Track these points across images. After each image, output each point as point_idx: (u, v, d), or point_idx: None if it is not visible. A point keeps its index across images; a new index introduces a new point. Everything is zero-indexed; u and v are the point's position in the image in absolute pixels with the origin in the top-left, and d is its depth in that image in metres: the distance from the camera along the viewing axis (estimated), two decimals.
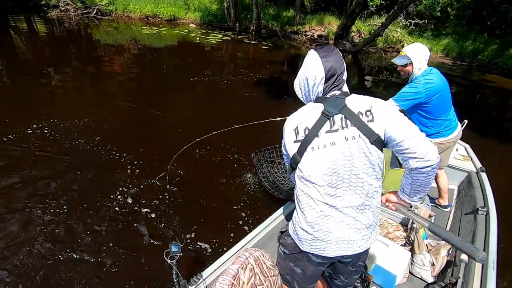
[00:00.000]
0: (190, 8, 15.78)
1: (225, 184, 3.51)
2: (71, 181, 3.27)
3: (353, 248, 1.23)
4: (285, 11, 16.52)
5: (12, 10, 12.86)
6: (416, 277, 2.09)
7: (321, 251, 1.24)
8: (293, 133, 1.19)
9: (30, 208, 2.85)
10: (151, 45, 10.43)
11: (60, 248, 2.47)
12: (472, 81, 11.42)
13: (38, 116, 4.56)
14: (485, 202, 2.46)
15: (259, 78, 7.86)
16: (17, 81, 6.07)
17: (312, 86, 1.20)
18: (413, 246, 2.12)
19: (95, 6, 13.83)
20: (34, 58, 8.16)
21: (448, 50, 14.10)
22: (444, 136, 2.47)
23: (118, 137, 4.26)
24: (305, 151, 1.16)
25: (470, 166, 3.10)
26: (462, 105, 8.10)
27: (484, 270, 1.73)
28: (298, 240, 1.28)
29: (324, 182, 1.16)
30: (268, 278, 1.42)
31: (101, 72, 7.26)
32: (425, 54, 2.24)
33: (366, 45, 13.19)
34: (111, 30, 12.53)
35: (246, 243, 1.89)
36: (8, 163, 3.47)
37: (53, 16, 12.72)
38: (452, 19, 16.91)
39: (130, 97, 5.87)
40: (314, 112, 1.17)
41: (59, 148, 3.83)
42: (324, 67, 1.15)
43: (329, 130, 1.13)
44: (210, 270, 1.66)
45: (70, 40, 10.57)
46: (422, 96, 2.25)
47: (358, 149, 1.12)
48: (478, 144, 3.03)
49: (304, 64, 1.22)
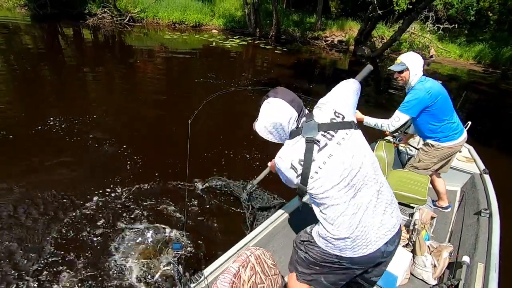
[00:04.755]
0: (215, 15, 16.47)
1: None
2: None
3: (389, 228, 1.26)
4: (309, 17, 16.52)
5: (57, 17, 14.51)
6: (418, 279, 2.09)
7: (363, 249, 1.24)
8: (292, 171, 1.23)
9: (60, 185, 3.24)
10: (170, 49, 11.14)
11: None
12: (501, 89, 10.43)
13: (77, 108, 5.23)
14: (488, 204, 2.44)
15: (260, 79, 8.03)
16: (60, 77, 7.08)
17: (288, 128, 1.25)
18: (415, 247, 2.12)
19: (128, 14, 15.07)
20: (76, 59, 9.16)
21: (481, 57, 13.02)
22: (453, 139, 2.50)
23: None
24: (309, 178, 1.20)
25: (474, 168, 3.07)
26: (475, 110, 7.57)
27: (486, 272, 1.74)
28: (339, 250, 1.27)
29: (343, 189, 1.20)
30: (269, 277, 1.44)
31: (130, 72, 8.19)
32: (419, 60, 2.38)
33: (384, 50, 12.71)
34: (141, 35, 13.61)
35: (247, 242, 1.92)
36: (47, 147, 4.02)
37: (90, 23, 14.12)
38: (492, 24, 15.56)
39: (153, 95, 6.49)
40: (299, 145, 1.22)
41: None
42: (293, 107, 1.23)
43: (319, 149, 1.19)
44: (211, 268, 1.69)
45: (106, 45, 11.73)
46: (426, 99, 2.33)
47: (353, 145, 1.21)
48: (482, 146, 2.94)
49: (269, 113, 1.25)
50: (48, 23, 13.64)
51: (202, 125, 5.07)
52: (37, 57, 8.49)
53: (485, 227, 2.16)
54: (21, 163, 3.60)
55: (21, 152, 3.85)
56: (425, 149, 2.64)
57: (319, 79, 9.43)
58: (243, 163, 4.04)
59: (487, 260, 1.84)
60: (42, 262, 2.38)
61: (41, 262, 2.38)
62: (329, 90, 1.37)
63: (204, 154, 4.10)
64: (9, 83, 6.38)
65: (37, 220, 2.79)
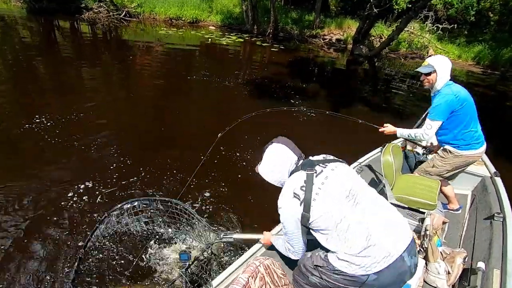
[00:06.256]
0: (213, 11, 16.30)
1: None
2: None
3: (401, 228, 1.31)
4: (307, 15, 16.35)
5: (53, 11, 14.34)
6: (431, 286, 2.01)
7: (387, 257, 1.23)
8: (295, 200, 1.33)
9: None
10: (164, 45, 10.99)
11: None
12: (498, 91, 10.31)
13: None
14: (501, 207, 2.37)
15: (252, 76, 7.90)
16: (56, 69, 7.06)
17: (288, 168, 1.45)
18: (427, 253, 2.05)
19: (124, 9, 14.91)
20: (69, 53, 9.06)
21: (479, 58, 12.86)
22: (474, 148, 2.44)
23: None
24: (312, 201, 1.29)
25: (484, 171, 2.99)
26: (479, 111, 7.44)
27: (503, 278, 1.68)
28: (364, 269, 1.25)
29: (344, 201, 1.29)
30: (279, 287, 1.41)
31: (125, 66, 8.17)
32: (448, 64, 2.34)
33: (381, 50, 12.57)
34: (138, 30, 13.51)
35: (255, 251, 1.87)
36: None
37: (85, 17, 13.98)
38: (492, 25, 15.38)
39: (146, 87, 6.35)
40: (299, 176, 1.38)
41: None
42: (293, 152, 1.46)
43: (317, 175, 1.35)
44: (220, 278, 1.65)
45: (102, 39, 11.61)
46: (455, 102, 2.28)
47: (345, 169, 1.40)
48: (492, 148, 2.88)
49: (273, 154, 1.47)
50: (44, 16, 13.50)
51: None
52: (29, 49, 8.40)
53: (499, 231, 2.10)
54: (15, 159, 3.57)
55: (15, 147, 3.81)
56: (442, 154, 2.56)
57: (313, 79, 9.28)
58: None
59: (503, 266, 1.78)
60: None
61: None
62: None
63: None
64: (2, 76, 6.29)
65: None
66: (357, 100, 7.46)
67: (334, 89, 8.35)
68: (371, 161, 3.15)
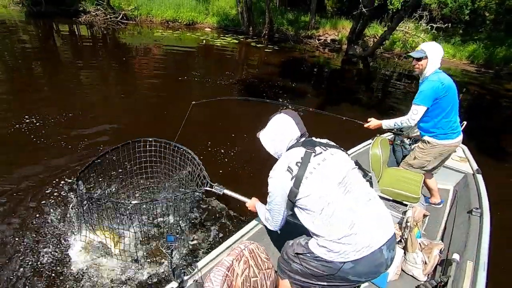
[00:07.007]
0: (210, 13, 16.43)
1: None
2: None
3: (386, 222, 1.33)
4: (303, 15, 16.43)
5: (52, 15, 14.53)
6: (408, 275, 2.12)
7: (367, 247, 1.24)
8: (287, 173, 1.33)
9: None
10: (160, 47, 11.09)
11: None
12: (489, 89, 10.31)
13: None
14: (479, 203, 2.49)
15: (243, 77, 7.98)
16: (56, 69, 7.23)
17: (288, 142, 1.45)
18: (406, 244, 2.15)
19: (121, 11, 15.07)
20: (66, 55, 9.16)
21: (474, 57, 12.88)
22: (450, 138, 2.52)
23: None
24: (304, 178, 1.29)
25: (467, 168, 3.11)
26: (468, 109, 7.53)
27: (475, 270, 1.77)
28: (342, 256, 1.26)
29: (336, 186, 1.30)
30: (262, 270, 1.45)
31: (124, 68, 8.35)
32: (439, 51, 2.38)
33: (375, 50, 12.63)
34: (135, 33, 13.62)
35: (241, 236, 1.94)
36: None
37: (83, 21, 14.14)
38: (488, 24, 15.38)
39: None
40: (297, 151, 1.38)
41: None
42: (298, 127, 1.46)
43: (315, 155, 1.35)
44: (205, 261, 1.70)
45: (100, 42, 11.72)
46: (440, 89, 2.34)
47: (343, 156, 1.41)
48: (477, 146, 2.99)
49: (277, 123, 1.47)
50: (43, 20, 13.68)
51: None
52: (28, 53, 8.51)
53: (476, 226, 2.20)
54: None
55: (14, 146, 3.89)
56: (421, 146, 2.64)
57: (305, 79, 9.31)
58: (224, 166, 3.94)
59: (476, 258, 1.88)
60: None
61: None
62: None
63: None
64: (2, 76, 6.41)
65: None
66: (349, 99, 7.50)
67: (326, 89, 8.42)
68: (359, 153, 3.26)
